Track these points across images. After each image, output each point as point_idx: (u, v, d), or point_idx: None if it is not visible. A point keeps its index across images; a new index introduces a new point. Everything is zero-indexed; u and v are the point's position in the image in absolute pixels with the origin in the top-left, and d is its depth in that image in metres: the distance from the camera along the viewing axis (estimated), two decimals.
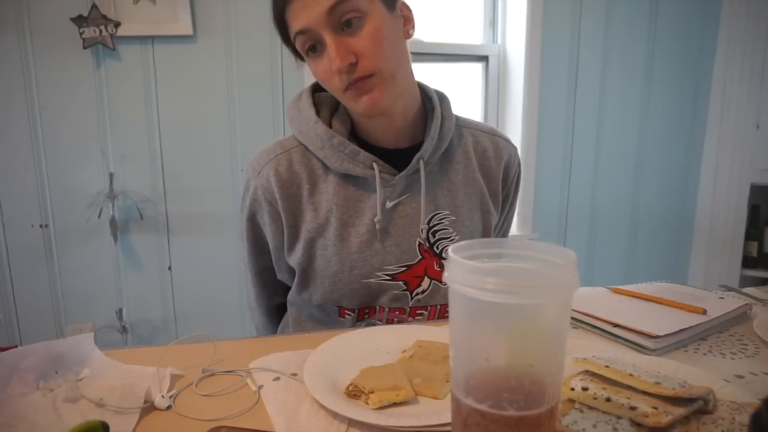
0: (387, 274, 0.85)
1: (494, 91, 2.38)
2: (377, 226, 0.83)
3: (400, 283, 0.85)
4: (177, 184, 1.97)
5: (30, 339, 1.95)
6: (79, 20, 1.78)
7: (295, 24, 0.75)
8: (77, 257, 1.94)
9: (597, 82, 2.37)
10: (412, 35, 0.83)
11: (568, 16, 2.28)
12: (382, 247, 0.84)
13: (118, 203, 1.92)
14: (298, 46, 0.79)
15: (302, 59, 0.83)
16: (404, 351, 0.68)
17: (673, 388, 0.51)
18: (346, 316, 0.87)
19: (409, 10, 0.83)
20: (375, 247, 0.84)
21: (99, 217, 1.91)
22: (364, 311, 0.86)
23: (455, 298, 0.40)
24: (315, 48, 0.77)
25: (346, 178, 0.85)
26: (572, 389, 0.54)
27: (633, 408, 0.50)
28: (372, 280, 0.84)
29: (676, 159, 2.55)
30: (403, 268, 0.85)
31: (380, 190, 0.83)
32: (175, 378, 0.63)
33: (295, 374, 0.63)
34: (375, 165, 0.83)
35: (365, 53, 0.74)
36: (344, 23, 0.74)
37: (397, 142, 0.87)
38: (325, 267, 0.85)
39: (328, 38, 0.74)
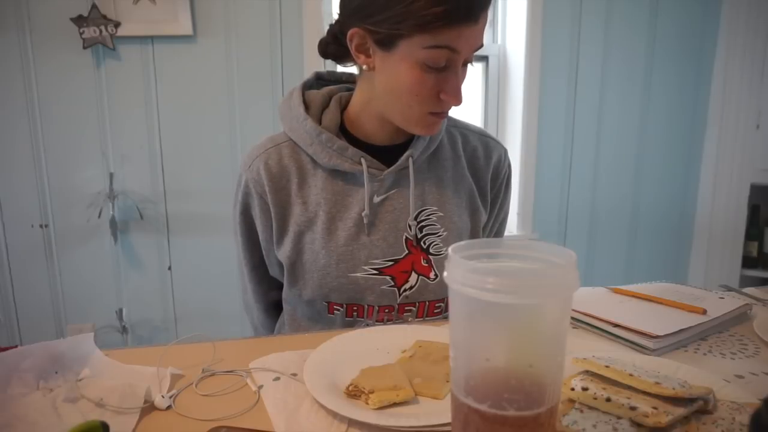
0: (374, 268, 0.85)
1: (494, 91, 2.38)
2: (365, 220, 0.84)
3: (387, 278, 0.86)
4: (177, 184, 1.97)
5: (30, 339, 1.95)
6: (79, 20, 1.78)
7: (456, 43, 0.72)
8: (77, 257, 1.94)
9: (597, 82, 2.37)
10: None
11: (568, 16, 2.28)
12: (368, 241, 0.85)
13: (118, 203, 1.92)
14: (429, 55, 0.73)
15: (385, 49, 0.76)
16: (404, 351, 0.68)
17: (673, 388, 0.51)
18: (335, 312, 0.87)
19: None
20: (362, 241, 0.85)
21: (99, 217, 1.91)
22: (353, 308, 0.87)
23: (455, 298, 0.40)
24: (441, 65, 0.75)
25: (335, 173, 0.86)
26: (572, 389, 0.54)
27: (633, 408, 0.50)
28: (359, 274, 0.85)
29: (676, 159, 2.55)
30: (390, 263, 0.86)
31: (368, 184, 0.84)
32: (175, 378, 0.62)
33: (295, 374, 0.63)
34: (363, 160, 0.84)
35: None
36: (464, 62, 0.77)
37: (387, 139, 0.89)
38: (313, 261, 0.86)
39: (461, 73, 0.77)
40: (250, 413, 0.56)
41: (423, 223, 0.87)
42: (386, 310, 0.87)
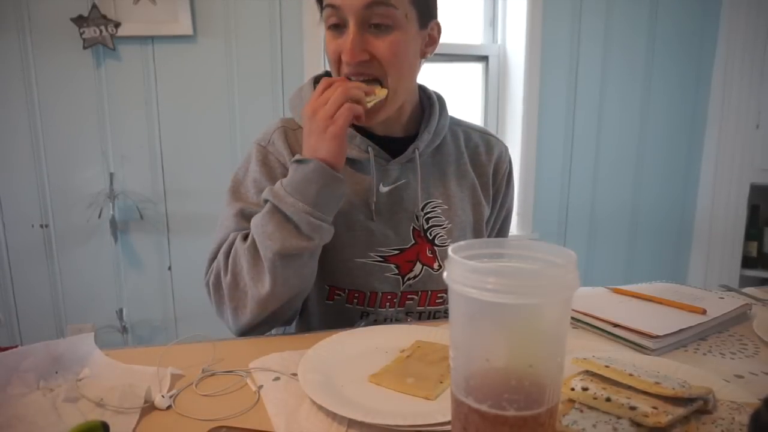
0: (380, 256, 0.87)
1: (494, 91, 2.38)
2: (372, 207, 0.86)
3: (392, 266, 0.87)
4: (177, 184, 1.97)
5: (30, 339, 1.95)
6: (79, 20, 1.78)
7: None
8: (77, 257, 1.94)
9: (597, 82, 2.37)
10: (429, 57, 0.86)
11: (568, 16, 2.28)
12: (376, 229, 0.86)
13: (118, 203, 1.92)
14: (324, 16, 0.80)
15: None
16: (402, 350, 0.68)
17: (673, 388, 0.51)
18: (336, 297, 0.87)
19: (439, 32, 0.87)
20: (369, 228, 0.86)
21: (99, 217, 1.91)
22: (354, 294, 0.87)
23: (455, 298, 0.40)
24: (338, 26, 0.78)
25: None
26: (572, 389, 0.54)
27: (633, 408, 0.50)
28: (365, 260, 0.86)
29: (676, 159, 2.55)
30: (396, 251, 0.87)
31: (375, 173, 0.86)
32: (175, 378, 0.62)
33: (295, 374, 0.62)
34: (370, 149, 0.86)
35: (380, 58, 0.78)
36: (373, 23, 0.76)
37: (389, 131, 0.90)
38: None
39: (352, 27, 0.76)
40: (250, 413, 0.56)
41: (429, 215, 0.90)
42: (389, 297, 0.87)
